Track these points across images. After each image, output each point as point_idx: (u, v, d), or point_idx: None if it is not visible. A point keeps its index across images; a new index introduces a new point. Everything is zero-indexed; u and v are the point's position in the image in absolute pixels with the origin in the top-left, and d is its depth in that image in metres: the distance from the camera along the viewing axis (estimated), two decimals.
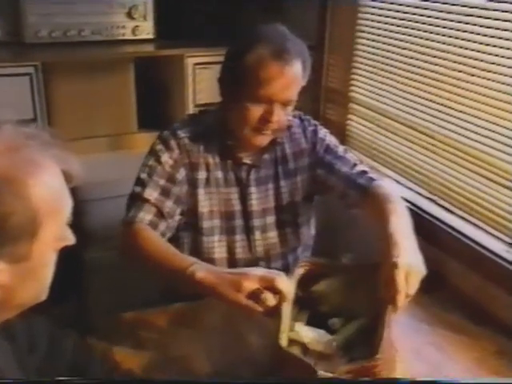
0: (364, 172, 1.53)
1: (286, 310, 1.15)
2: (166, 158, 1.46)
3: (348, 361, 1.09)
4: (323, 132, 1.61)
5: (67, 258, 0.88)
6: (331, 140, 1.60)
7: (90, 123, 2.38)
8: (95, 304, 2.12)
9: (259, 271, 1.13)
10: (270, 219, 1.56)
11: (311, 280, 1.28)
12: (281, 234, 1.57)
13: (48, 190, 0.78)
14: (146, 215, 1.40)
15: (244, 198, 1.52)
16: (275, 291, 1.09)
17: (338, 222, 1.88)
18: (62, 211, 0.82)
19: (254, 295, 1.09)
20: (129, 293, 1.81)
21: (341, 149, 1.59)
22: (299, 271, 1.27)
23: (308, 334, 1.16)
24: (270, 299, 1.08)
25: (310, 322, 1.22)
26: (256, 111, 1.39)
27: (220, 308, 1.32)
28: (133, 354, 1.25)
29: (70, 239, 0.87)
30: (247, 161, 1.51)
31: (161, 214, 1.42)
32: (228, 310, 1.31)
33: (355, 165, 1.54)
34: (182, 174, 1.47)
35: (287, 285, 1.11)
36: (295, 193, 1.57)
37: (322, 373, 0.97)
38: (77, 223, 0.87)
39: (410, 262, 1.17)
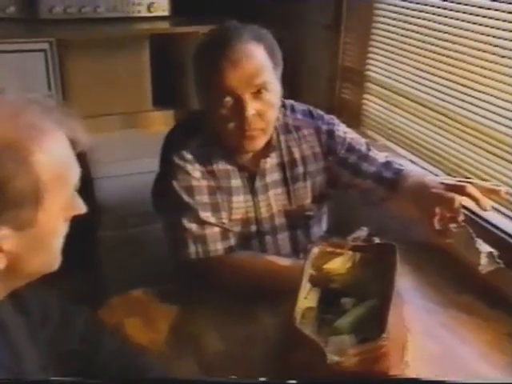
0: (389, 163, 1.51)
1: (303, 288, 1.15)
2: (192, 171, 1.40)
3: (359, 340, 1.08)
4: (342, 129, 1.53)
5: (81, 234, 0.88)
6: (352, 137, 1.54)
7: (104, 101, 2.37)
8: (107, 280, 2.14)
9: None
10: (280, 222, 1.52)
11: (325, 257, 1.27)
12: (291, 237, 1.55)
13: (51, 156, 0.77)
14: (216, 245, 1.39)
15: (254, 206, 1.48)
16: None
17: (351, 217, 1.84)
18: (68, 178, 0.81)
19: None
20: (141, 269, 1.82)
21: (364, 146, 1.53)
22: (314, 251, 1.26)
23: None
24: None
25: (322, 301, 1.22)
26: (226, 108, 1.33)
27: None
28: (144, 328, 1.26)
29: (80, 208, 0.86)
30: (251, 168, 1.46)
31: (225, 230, 1.41)
32: (241, 289, 1.32)
33: (379, 159, 1.52)
34: (210, 182, 1.43)
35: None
36: (305, 196, 1.53)
37: (330, 356, 0.98)
38: (90, 200, 0.86)
39: None
